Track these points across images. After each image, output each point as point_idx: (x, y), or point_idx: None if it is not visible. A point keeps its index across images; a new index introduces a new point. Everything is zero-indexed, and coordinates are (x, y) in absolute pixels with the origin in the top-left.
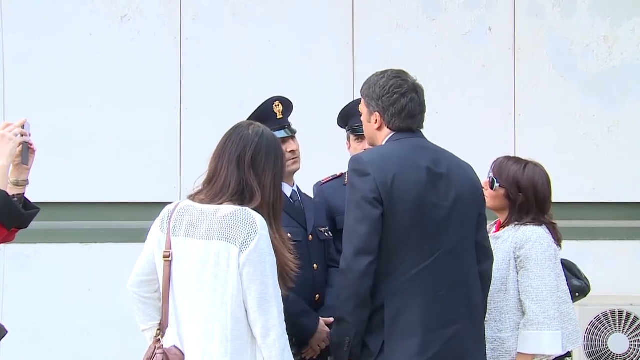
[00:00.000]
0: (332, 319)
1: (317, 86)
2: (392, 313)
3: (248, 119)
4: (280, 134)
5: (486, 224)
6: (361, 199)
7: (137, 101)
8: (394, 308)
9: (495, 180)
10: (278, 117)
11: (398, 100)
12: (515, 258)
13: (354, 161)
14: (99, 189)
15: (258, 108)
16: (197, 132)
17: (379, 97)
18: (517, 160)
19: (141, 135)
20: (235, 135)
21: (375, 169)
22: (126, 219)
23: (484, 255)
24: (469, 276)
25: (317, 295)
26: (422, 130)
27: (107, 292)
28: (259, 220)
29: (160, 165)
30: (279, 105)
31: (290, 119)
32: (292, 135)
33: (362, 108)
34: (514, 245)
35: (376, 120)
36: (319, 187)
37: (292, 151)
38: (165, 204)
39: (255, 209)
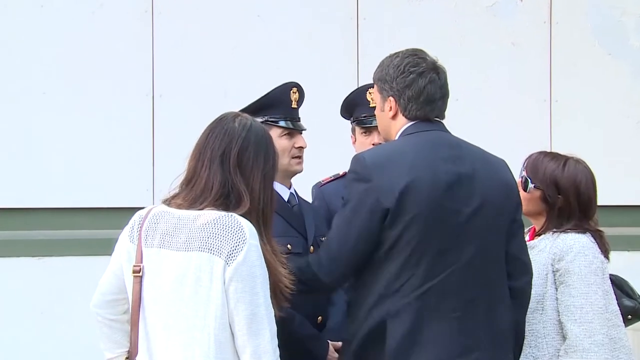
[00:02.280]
0: (340, 343)
1: (317, 69)
2: (397, 339)
3: (252, 105)
4: (291, 125)
5: (523, 233)
6: (359, 205)
7: (101, 87)
8: (399, 333)
9: (529, 180)
10: (292, 106)
11: (415, 80)
12: (553, 272)
13: (356, 161)
14: (54, 192)
15: (271, 92)
16: (173, 124)
17: (393, 79)
18: (554, 156)
19: (106, 128)
20: (218, 129)
21: (380, 175)
22: (88, 228)
23: (521, 269)
24: (493, 294)
25: (320, 317)
26: (443, 120)
27: (66, 315)
28: (248, 228)
29: (129, 164)
30: (296, 92)
31: None
32: (303, 129)
33: (375, 95)
34: (552, 256)
35: (390, 107)
36: (319, 188)
37: (301, 147)
38: (136, 209)
39: (242, 216)
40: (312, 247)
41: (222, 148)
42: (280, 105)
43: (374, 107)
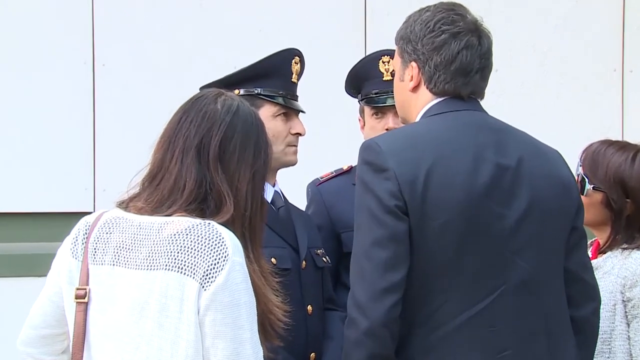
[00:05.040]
0: None
1: (312, 31)
2: None
3: (241, 72)
4: (290, 103)
5: (586, 245)
6: (378, 208)
7: (25, 54)
8: None
9: (587, 180)
10: (292, 79)
11: (446, 42)
12: (624, 302)
13: (366, 149)
14: None
15: (267, 59)
16: (120, 102)
17: (419, 39)
18: (621, 146)
19: (31, 107)
20: (195, 111)
21: (398, 161)
22: (6, 240)
23: (585, 293)
24: (554, 326)
25: (313, 354)
26: (480, 99)
27: None
28: (231, 241)
29: (62, 156)
30: (298, 63)
31: None
32: (302, 111)
33: (395, 60)
34: (622, 281)
35: (412, 75)
36: (316, 187)
37: (298, 134)
38: (73, 215)
39: (223, 225)
40: (304, 262)
41: (199, 136)
42: (278, 76)
43: (389, 81)
